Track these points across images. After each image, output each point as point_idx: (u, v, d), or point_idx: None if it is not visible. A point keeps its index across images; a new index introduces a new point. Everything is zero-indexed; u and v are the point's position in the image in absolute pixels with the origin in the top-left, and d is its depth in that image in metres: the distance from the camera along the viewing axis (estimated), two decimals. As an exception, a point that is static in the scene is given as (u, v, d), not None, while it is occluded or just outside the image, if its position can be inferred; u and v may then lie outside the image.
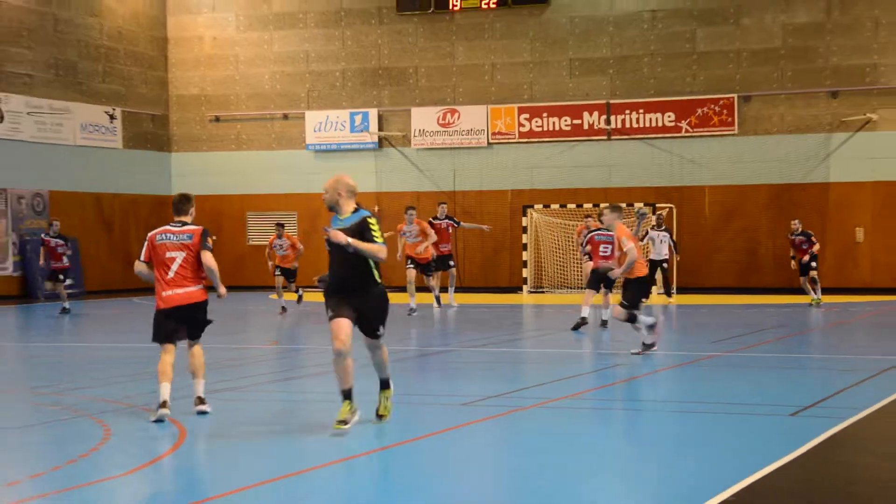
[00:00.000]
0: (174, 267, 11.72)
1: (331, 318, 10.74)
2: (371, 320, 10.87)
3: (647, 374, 15.55)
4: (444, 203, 28.20)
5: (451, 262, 27.24)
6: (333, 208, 10.87)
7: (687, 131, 33.86)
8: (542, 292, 33.91)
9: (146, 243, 11.87)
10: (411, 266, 25.72)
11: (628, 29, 34.43)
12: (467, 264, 34.96)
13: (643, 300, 17.46)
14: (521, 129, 35.19)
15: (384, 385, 11.21)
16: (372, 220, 10.70)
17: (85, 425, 11.40)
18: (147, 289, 17.33)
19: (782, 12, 33.25)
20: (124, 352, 18.90)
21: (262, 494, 8.51)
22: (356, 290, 10.77)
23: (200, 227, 11.95)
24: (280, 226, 26.90)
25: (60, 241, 27.32)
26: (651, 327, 16.77)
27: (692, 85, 33.95)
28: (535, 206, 34.32)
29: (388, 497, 8.53)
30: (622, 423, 11.79)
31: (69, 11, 34.91)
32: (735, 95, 33.49)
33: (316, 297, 27.19)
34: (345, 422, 10.58)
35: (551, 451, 10.21)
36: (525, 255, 34.20)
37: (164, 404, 11.20)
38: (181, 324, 11.81)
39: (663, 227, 28.94)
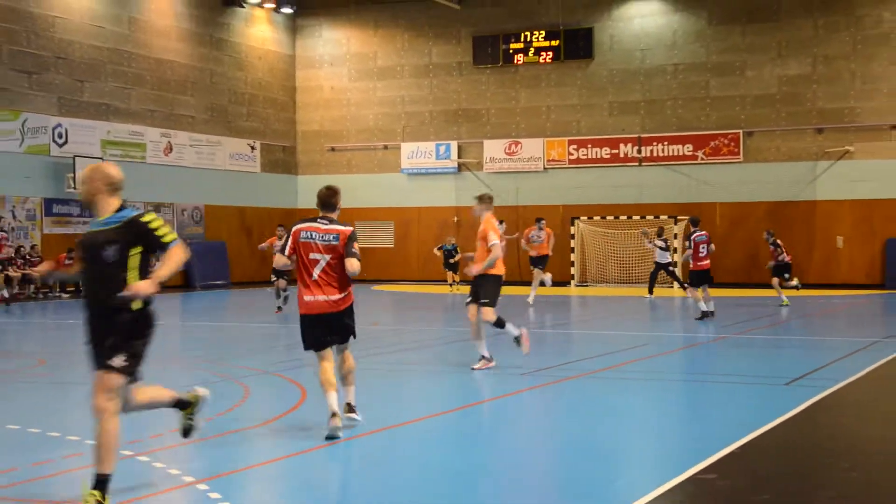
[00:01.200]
0: (317, 270, 8.75)
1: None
2: (111, 346, 6.25)
3: (670, 351, 15.38)
4: (543, 219, 25.50)
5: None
6: (90, 206, 6.52)
7: (702, 159, 33.44)
8: (586, 286, 33.68)
9: (289, 238, 8.89)
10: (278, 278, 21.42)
11: (655, 78, 34.09)
12: (524, 263, 34.90)
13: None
14: (571, 157, 34.99)
15: (181, 405, 7.21)
16: (149, 218, 6.38)
17: (230, 387, 11.51)
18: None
19: (778, 66, 32.72)
20: (261, 330, 19.06)
21: (369, 441, 8.52)
22: (111, 314, 6.32)
23: (349, 230, 8.91)
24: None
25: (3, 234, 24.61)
26: (517, 339, 12.84)
27: (706, 122, 33.52)
28: (581, 218, 34.11)
29: (462, 449, 8.50)
30: (646, 391, 11.66)
31: (222, 67, 35.34)
32: (741, 131, 33.02)
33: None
34: None
35: (588, 412, 10.13)
36: (573, 256, 34.00)
37: (333, 415, 8.47)
38: (329, 330, 8.83)
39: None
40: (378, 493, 6.88)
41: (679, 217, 32.60)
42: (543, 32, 35.08)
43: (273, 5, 36.88)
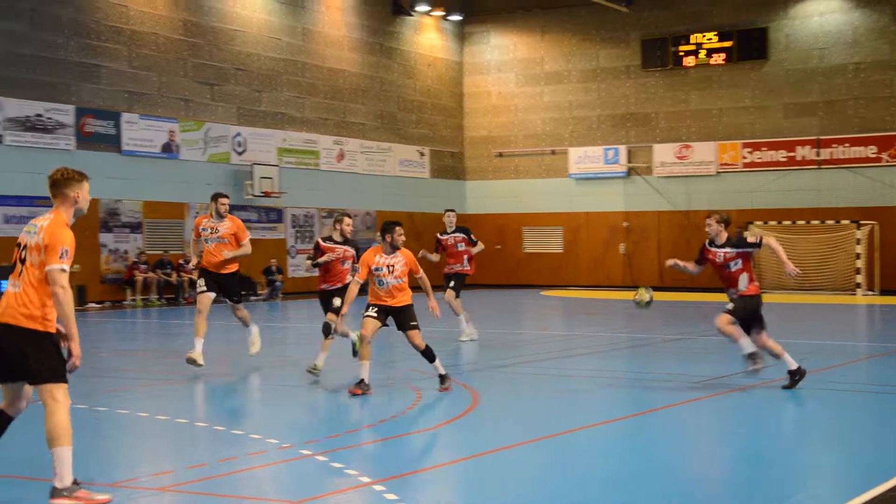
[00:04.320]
0: None
1: None
2: None
3: (853, 362, 14.75)
4: (453, 210, 18.01)
5: (451, 284, 16.93)
6: None
7: (887, 161, 31.97)
8: (762, 292, 32.61)
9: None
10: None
11: (835, 78, 32.80)
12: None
13: None
14: (744, 160, 34.07)
15: None
16: None
17: (403, 390, 11.70)
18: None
19: (971, 60, 31.05)
20: (431, 335, 19.20)
21: (541, 447, 8.51)
22: None
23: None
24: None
25: None
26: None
27: (891, 122, 32.03)
28: (755, 223, 33.14)
29: (632, 459, 8.39)
30: (829, 401, 11.21)
31: (392, 75, 36.04)
32: (928, 131, 31.46)
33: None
34: None
35: (765, 422, 9.82)
36: (746, 263, 33.07)
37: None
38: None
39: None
40: (548, 500, 6.86)
41: (861, 222, 31.28)
42: (715, 34, 34.30)
43: (442, 13, 37.38)
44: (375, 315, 10.99)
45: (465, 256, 16.97)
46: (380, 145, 35.31)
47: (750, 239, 11.60)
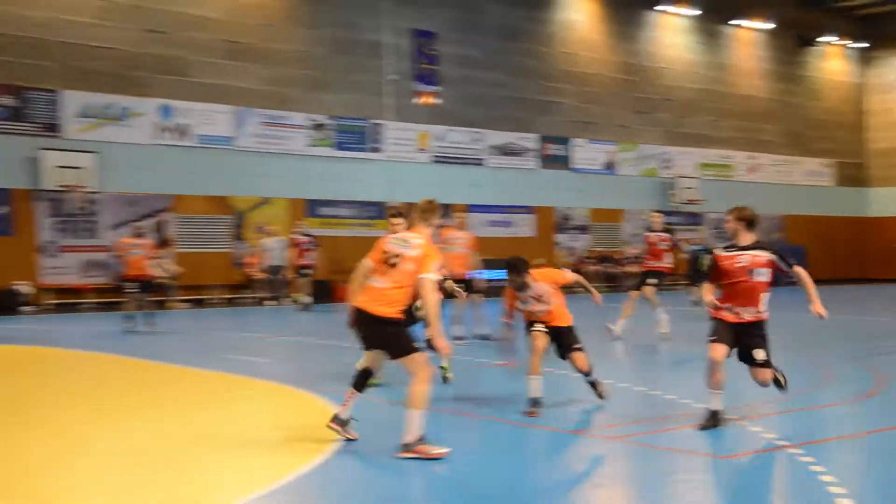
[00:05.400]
0: None
1: None
2: None
3: None
4: (659, 212, 15.28)
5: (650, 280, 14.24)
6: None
7: None
8: None
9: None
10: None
11: None
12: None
13: None
14: None
15: None
16: None
17: (809, 370, 10.94)
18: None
19: None
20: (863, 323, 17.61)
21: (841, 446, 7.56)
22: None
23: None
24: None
25: (306, 239, 19.91)
26: None
27: None
28: None
29: None
30: None
31: (797, 98, 33.87)
32: None
33: None
34: None
35: None
36: None
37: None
38: None
39: None
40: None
41: None
42: None
43: (847, 42, 34.55)
44: (545, 330, 8.18)
45: (665, 255, 14.57)
46: (787, 159, 33.38)
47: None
